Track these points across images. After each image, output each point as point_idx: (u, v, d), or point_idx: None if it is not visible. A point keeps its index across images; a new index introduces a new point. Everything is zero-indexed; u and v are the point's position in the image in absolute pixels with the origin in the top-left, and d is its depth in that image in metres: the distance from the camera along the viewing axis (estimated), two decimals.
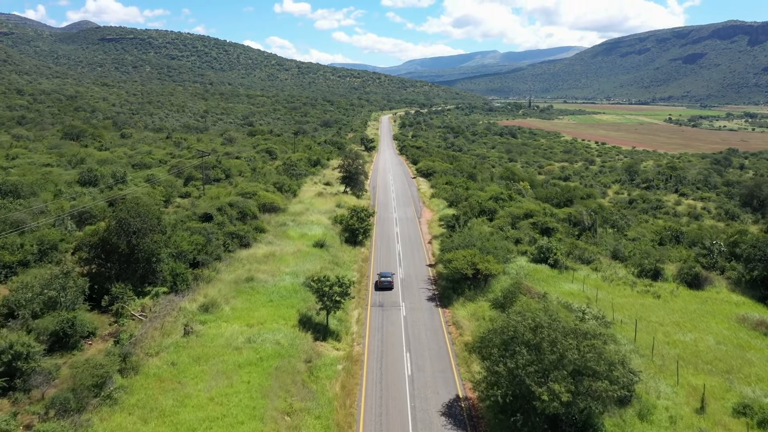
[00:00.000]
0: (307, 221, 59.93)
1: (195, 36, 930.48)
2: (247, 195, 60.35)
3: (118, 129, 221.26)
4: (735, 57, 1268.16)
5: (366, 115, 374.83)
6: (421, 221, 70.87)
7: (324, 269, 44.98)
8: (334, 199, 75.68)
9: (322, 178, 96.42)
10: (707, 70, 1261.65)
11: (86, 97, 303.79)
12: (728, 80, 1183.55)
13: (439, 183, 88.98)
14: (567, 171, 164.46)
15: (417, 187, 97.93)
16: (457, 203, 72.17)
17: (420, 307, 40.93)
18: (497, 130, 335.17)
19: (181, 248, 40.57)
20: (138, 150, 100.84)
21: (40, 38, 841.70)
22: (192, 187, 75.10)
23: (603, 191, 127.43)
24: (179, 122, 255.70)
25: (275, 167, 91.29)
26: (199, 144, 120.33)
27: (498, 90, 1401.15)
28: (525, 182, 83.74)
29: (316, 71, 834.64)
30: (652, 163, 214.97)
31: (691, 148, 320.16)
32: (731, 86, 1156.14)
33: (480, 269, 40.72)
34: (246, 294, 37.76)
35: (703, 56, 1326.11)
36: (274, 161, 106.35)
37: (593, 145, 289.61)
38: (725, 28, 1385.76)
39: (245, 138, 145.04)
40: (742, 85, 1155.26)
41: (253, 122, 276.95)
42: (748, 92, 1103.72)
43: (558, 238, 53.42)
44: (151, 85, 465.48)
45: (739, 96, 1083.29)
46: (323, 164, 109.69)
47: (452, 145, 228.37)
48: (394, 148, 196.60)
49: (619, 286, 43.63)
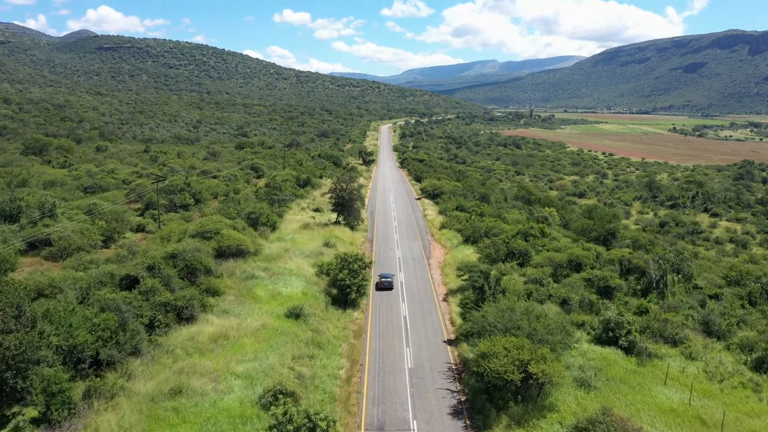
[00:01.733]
0: (283, 270, 45.46)
1: (193, 45, 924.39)
2: (206, 235, 46.11)
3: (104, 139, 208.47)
4: (736, 66, 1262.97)
5: (365, 125, 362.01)
6: (431, 263, 56.07)
7: (298, 360, 30.65)
8: (323, 232, 61.20)
9: (312, 201, 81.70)
10: (708, 80, 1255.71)
11: (76, 106, 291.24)
12: (729, 90, 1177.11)
13: (449, 207, 74.89)
14: (580, 186, 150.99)
15: (422, 211, 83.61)
16: (474, 238, 58.02)
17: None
18: (500, 141, 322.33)
19: (77, 339, 26.37)
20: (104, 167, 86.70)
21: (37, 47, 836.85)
22: (149, 219, 60.91)
23: (625, 210, 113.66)
24: (170, 132, 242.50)
25: (255, 190, 76.95)
26: (177, 160, 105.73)
27: (498, 99, 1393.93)
28: (551, 208, 69.41)
29: (315, 80, 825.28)
30: (666, 176, 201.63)
31: (702, 159, 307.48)
32: (733, 96, 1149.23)
33: (533, 373, 26.48)
34: (164, 428, 23.38)
35: (704, 65, 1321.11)
36: (259, 180, 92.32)
37: (601, 156, 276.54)
38: (725, 37, 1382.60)
39: (232, 152, 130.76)
40: (743, 94, 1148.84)
41: (247, 132, 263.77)
42: (750, 102, 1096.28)
43: (623, 300, 39.17)
44: (145, 94, 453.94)
45: (740, 105, 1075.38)
46: (314, 184, 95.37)
47: (455, 157, 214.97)
48: (394, 161, 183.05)
49: (737, 391, 29.21)
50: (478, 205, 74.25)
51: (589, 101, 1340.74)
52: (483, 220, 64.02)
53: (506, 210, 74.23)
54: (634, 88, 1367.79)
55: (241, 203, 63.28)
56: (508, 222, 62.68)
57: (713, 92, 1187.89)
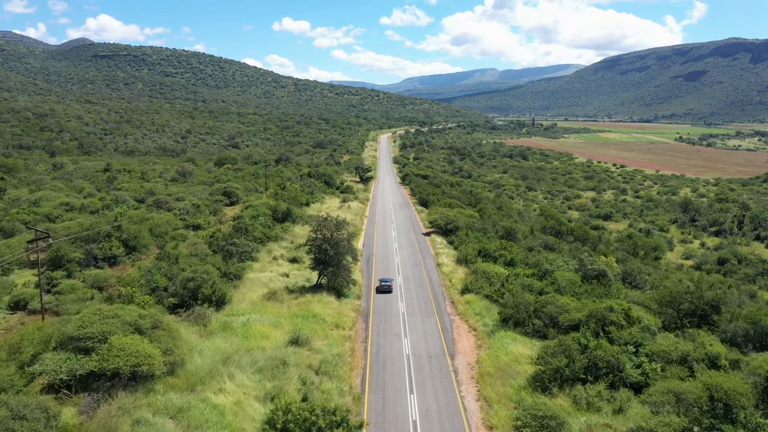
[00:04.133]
0: (208, 419, 25.25)
1: (190, 53, 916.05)
2: (83, 345, 28.72)
3: (83, 151, 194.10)
4: (738, 75, 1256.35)
5: (363, 135, 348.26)
6: (458, 366, 34.77)
7: None
8: (297, 306, 42.96)
9: (290, 245, 61.72)
10: (710, 88, 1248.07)
11: (60, 115, 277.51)
12: (732, 98, 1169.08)
13: (470, 254, 56.94)
14: (602, 207, 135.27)
15: (434, 256, 63.27)
16: (518, 318, 39.36)
17: None
18: (506, 151, 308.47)
19: None
20: (37, 194, 71.21)
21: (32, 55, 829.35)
22: (36, 287, 43.28)
23: (665, 238, 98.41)
24: (156, 144, 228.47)
25: (210, 234, 58.62)
26: (135, 184, 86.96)
27: (497, 108, 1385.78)
28: (609, 257, 52.86)
29: (314, 88, 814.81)
30: (689, 191, 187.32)
31: (717, 171, 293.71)
32: (735, 104, 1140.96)
33: None
34: None
35: (705, 74, 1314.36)
36: (232, 208, 76.69)
37: (612, 168, 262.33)
38: (726, 45, 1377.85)
39: (210, 170, 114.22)
40: (746, 102, 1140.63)
41: (238, 143, 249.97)
42: (753, 110, 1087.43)
43: None
44: (137, 103, 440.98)
45: (743, 114, 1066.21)
46: (296, 217, 73.34)
47: (460, 171, 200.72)
48: (395, 175, 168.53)
49: None
50: (505, 246, 58.59)
51: (589, 109, 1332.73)
52: (523, 279, 47.09)
53: (540, 251, 58.96)
54: (635, 97, 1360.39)
55: (180, 261, 44.73)
56: (562, 287, 45.18)
57: (715, 100, 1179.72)
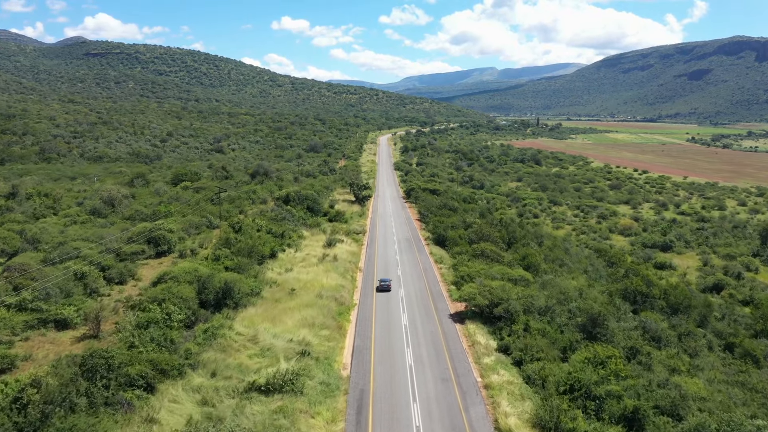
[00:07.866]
0: None
1: (185, 51, 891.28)
2: None
3: (42, 158, 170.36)
4: (743, 73, 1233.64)
5: (362, 137, 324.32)
6: None
7: None
8: None
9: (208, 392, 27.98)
10: (714, 87, 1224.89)
11: (32, 116, 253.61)
12: (737, 97, 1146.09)
13: (552, 394, 25.39)
14: (652, 230, 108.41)
15: (482, 386, 32.45)
16: None
17: None
18: (516, 155, 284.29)
19: None
20: None
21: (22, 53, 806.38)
22: None
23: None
24: (130, 148, 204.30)
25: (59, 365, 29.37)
26: (17, 226, 54.65)
27: (498, 107, 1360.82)
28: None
29: (311, 87, 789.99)
30: (735, 203, 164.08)
31: (746, 176, 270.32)
32: (741, 103, 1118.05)
33: None
34: None
35: (709, 72, 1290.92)
36: (159, 263, 50.65)
37: (635, 174, 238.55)
38: (731, 43, 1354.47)
39: (160, 192, 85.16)
40: (752, 101, 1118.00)
41: (223, 147, 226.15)
42: (759, 109, 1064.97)
43: None
44: (123, 102, 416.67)
45: (749, 113, 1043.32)
46: (239, 298, 41.07)
47: (470, 180, 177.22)
48: (397, 187, 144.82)
49: None
50: (600, 358, 31.82)
51: (591, 108, 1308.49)
52: None
53: (642, 348, 35.62)
54: (638, 96, 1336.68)
55: None
56: None
57: (720, 99, 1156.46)
